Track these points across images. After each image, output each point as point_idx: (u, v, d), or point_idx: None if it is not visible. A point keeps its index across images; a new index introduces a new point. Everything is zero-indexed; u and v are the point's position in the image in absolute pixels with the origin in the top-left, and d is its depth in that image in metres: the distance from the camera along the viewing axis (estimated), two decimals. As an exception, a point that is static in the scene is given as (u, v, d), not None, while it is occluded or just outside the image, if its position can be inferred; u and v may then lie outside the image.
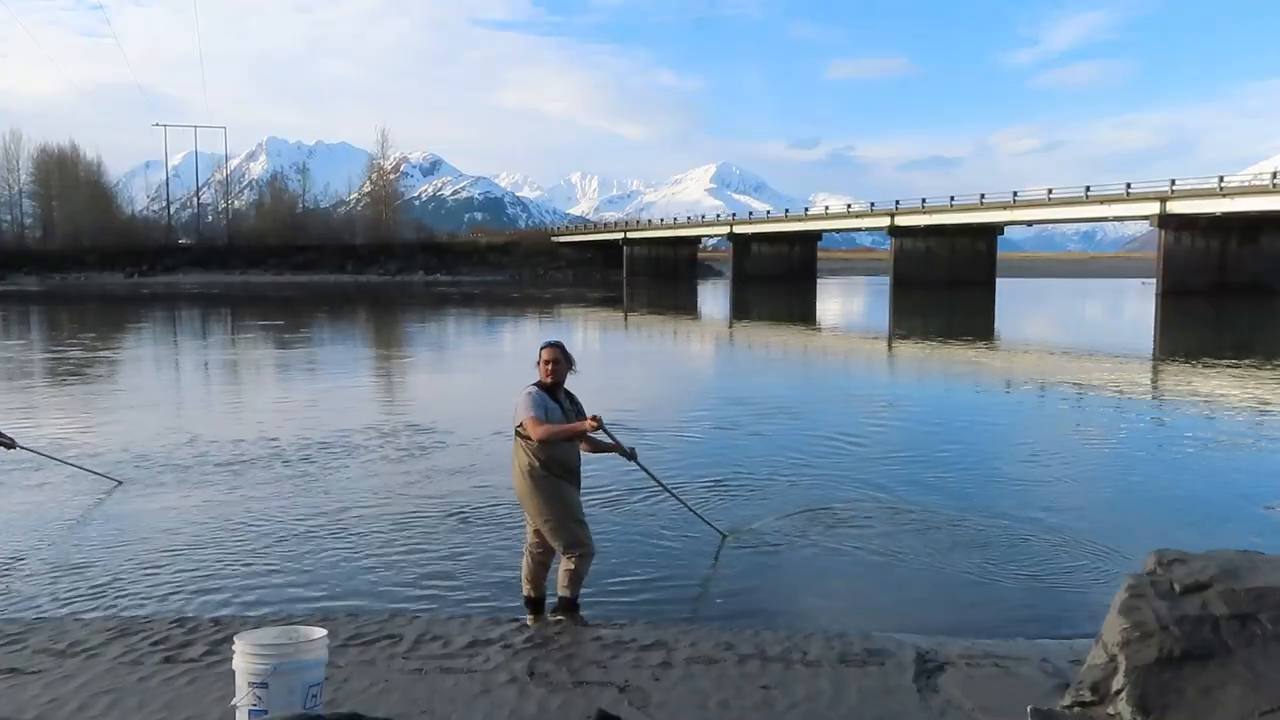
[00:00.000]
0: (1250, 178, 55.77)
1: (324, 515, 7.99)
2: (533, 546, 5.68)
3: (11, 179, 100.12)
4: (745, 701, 4.33)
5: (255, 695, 3.60)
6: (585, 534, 5.54)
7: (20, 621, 5.56)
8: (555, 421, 5.40)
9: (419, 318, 40.90)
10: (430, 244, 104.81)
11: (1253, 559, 4.04)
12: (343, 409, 14.02)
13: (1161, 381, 19.06)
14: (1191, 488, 9.27)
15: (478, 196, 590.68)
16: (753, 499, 8.59)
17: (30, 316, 41.31)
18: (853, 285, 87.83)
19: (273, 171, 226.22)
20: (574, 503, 5.54)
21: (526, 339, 28.81)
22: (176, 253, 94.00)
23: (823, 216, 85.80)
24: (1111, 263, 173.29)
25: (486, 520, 7.85)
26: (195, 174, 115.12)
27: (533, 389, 5.46)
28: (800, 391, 17.36)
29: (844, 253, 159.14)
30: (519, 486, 5.52)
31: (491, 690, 4.46)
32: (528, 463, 5.42)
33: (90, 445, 10.94)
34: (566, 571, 5.52)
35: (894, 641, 5.11)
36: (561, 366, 5.51)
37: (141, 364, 22.46)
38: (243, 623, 5.26)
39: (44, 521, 7.85)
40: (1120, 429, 12.92)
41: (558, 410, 5.45)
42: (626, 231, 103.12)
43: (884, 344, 29.04)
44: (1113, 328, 39.84)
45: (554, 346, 5.56)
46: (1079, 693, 3.54)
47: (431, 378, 19.54)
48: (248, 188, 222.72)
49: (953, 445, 11.35)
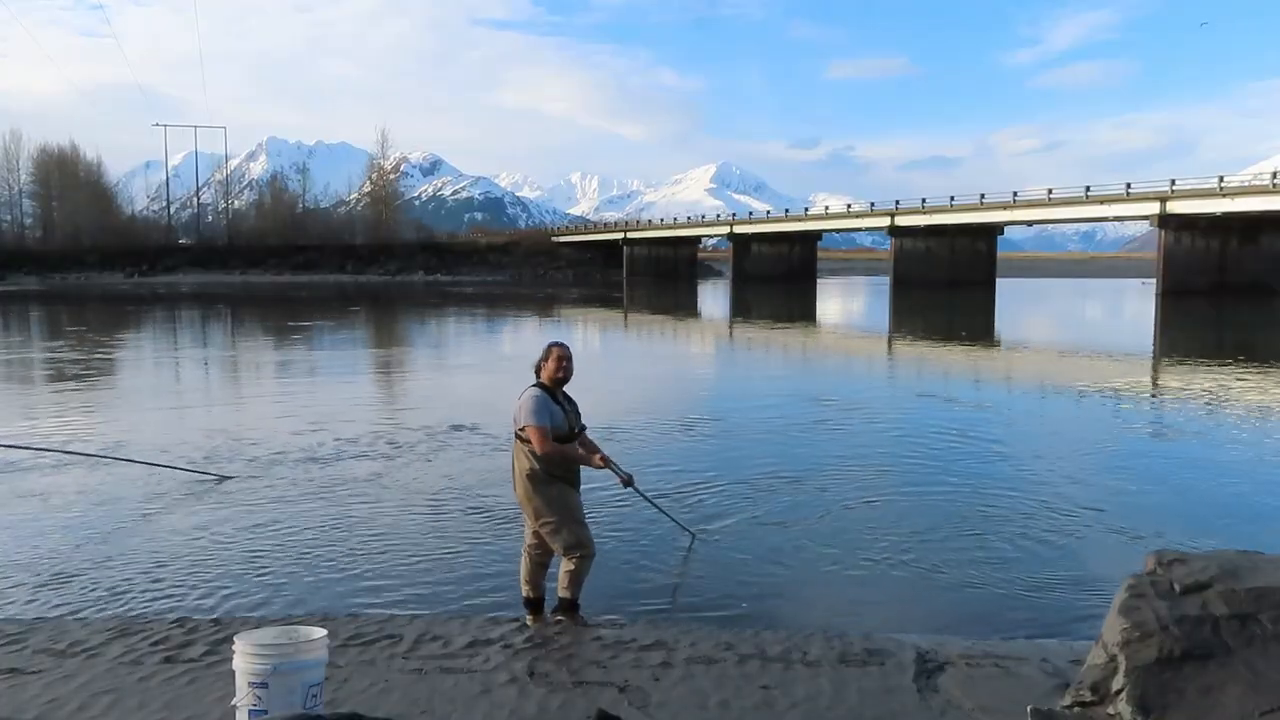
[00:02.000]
0: (1250, 178, 55.79)
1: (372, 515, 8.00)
2: (531, 548, 5.68)
3: (11, 179, 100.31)
4: (745, 701, 4.33)
5: (255, 695, 3.60)
6: (586, 535, 5.53)
7: (20, 621, 5.56)
8: (558, 424, 5.41)
9: (430, 315, 40.92)
10: (430, 244, 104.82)
11: (1253, 559, 4.04)
12: (403, 408, 14.03)
13: (1161, 381, 19.05)
14: (1192, 488, 9.27)
15: (478, 196, 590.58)
16: (747, 500, 8.58)
17: (57, 315, 41.32)
18: (853, 285, 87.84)
19: (273, 171, 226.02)
20: (575, 504, 5.54)
21: (549, 339, 28.82)
22: (176, 253, 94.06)
23: (823, 216, 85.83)
24: (1111, 263, 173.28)
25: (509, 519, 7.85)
26: (195, 174, 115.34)
27: (536, 391, 5.44)
28: (797, 391, 17.35)
29: (844, 253, 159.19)
30: (520, 488, 5.50)
31: (491, 690, 4.46)
32: (529, 466, 5.40)
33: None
34: (567, 573, 5.51)
35: (894, 641, 5.11)
36: (571, 365, 5.54)
37: (194, 365, 22.46)
38: (243, 623, 5.26)
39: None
40: (1119, 428, 12.92)
41: (560, 413, 5.44)
42: (626, 231, 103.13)
43: (884, 344, 29.05)
44: (1113, 328, 39.83)
45: (564, 346, 5.58)
46: (1079, 693, 3.54)
47: (435, 377, 19.55)
48: (248, 188, 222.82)
49: (950, 445, 11.34)
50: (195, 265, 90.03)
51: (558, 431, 5.41)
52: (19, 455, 9.93)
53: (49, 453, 10.07)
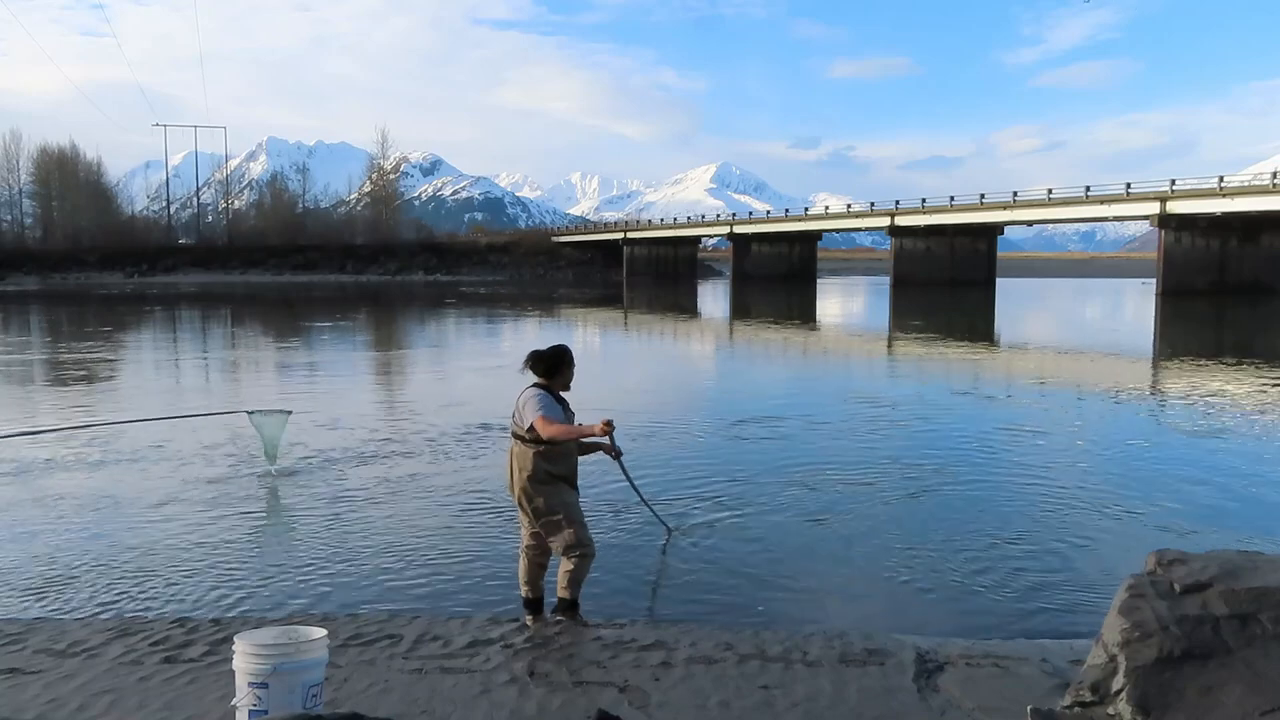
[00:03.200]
0: (1250, 178, 55.80)
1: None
2: (529, 549, 5.67)
3: (11, 179, 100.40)
4: (745, 701, 4.33)
5: (255, 695, 3.61)
6: (586, 535, 5.52)
7: (20, 621, 5.56)
8: (564, 422, 5.41)
9: (447, 315, 40.91)
10: (430, 244, 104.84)
11: (1253, 559, 4.04)
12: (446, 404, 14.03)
13: (1161, 381, 19.05)
14: (1192, 488, 9.26)
15: (478, 196, 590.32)
16: (738, 499, 8.59)
17: (72, 316, 41.33)
18: (853, 285, 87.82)
19: (273, 171, 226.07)
20: (575, 504, 5.54)
21: (576, 339, 28.81)
22: (177, 253, 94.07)
23: (823, 216, 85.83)
24: (1111, 263, 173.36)
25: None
26: (195, 174, 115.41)
27: (539, 390, 5.42)
28: (797, 387, 17.35)
29: (844, 252, 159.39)
30: (519, 489, 5.47)
31: (491, 690, 4.46)
32: (531, 467, 5.38)
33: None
34: (566, 573, 5.50)
35: (894, 641, 5.11)
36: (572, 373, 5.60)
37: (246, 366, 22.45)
38: (243, 623, 5.26)
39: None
40: (1119, 428, 12.91)
41: (560, 411, 5.44)
42: (626, 231, 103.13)
43: (884, 344, 29.04)
44: (1113, 328, 39.82)
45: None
46: (1079, 693, 3.54)
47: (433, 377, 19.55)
48: (248, 188, 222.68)
49: (948, 444, 11.34)
50: (195, 265, 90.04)
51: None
52: (37, 454, 10.23)
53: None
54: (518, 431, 5.42)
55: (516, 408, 5.45)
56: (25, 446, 10.69)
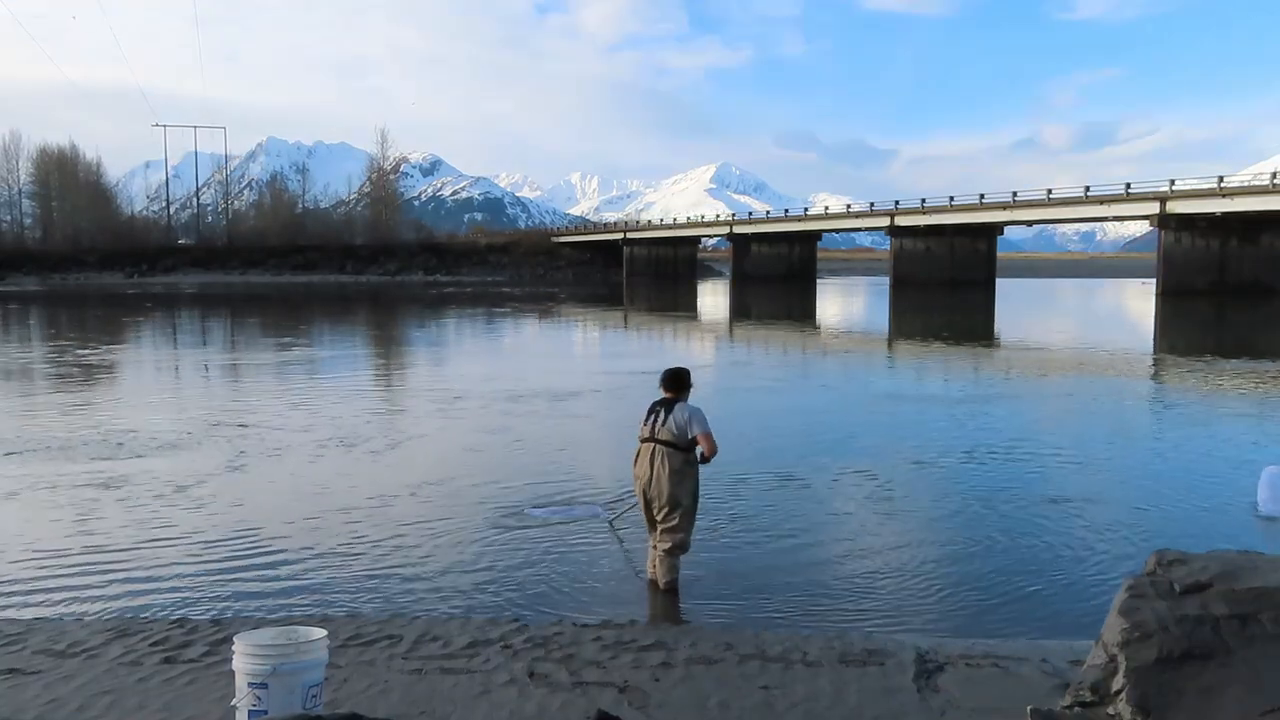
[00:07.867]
0: (1250, 178, 55.79)
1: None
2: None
3: (11, 179, 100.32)
4: (745, 702, 4.33)
5: (255, 696, 3.60)
6: (691, 531, 6.29)
7: (20, 621, 5.56)
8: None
9: (462, 315, 40.90)
10: (430, 244, 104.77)
11: (1253, 559, 4.04)
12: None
13: (1162, 381, 19.05)
14: (1192, 488, 9.26)
15: (478, 197, 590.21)
16: (735, 497, 8.58)
17: (77, 318, 41.32)
18: (853, 285, 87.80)
19: (273, 171, 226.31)
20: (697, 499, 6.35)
21: (583, 336, 28.77)
22: (176, 253, 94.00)
23: (823, 216, 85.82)
24: (1111, 263, 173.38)
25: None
26: (195, 174, 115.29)
27: (696, 407, 6.16)
28: (796, 386, 17.36)
29: (844, 253, 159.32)
30: (668, 483, 6.04)
31: (491, 690, 4.46)
32: (679, 464, 6.08)
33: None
34: (666, 564, 6.17)
35: (894, 641, 5.11)
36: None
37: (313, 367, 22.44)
38: (243, 623, 5.26)
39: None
40: (1119, 428, 12.91)
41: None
42: (626, 232, 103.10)
43: (884, 344, 29.04)
44: (1112, 328, 39.82)
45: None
46: (1079, 693, 3.53)
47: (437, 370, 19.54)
48: (247, 188, 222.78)
49: (947, 444, 11.34)
50: (195, 265, 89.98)
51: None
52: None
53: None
54: (666, 437, 6.06)
55: (670, 418, 6.07)
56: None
